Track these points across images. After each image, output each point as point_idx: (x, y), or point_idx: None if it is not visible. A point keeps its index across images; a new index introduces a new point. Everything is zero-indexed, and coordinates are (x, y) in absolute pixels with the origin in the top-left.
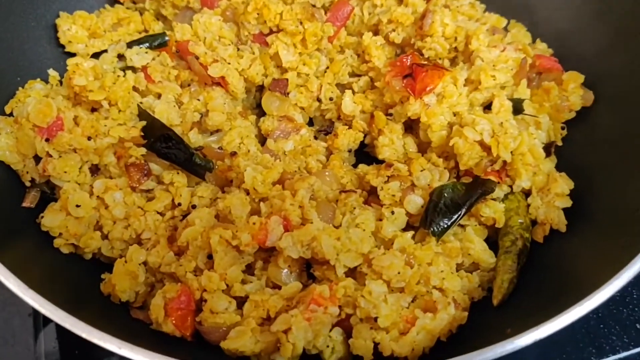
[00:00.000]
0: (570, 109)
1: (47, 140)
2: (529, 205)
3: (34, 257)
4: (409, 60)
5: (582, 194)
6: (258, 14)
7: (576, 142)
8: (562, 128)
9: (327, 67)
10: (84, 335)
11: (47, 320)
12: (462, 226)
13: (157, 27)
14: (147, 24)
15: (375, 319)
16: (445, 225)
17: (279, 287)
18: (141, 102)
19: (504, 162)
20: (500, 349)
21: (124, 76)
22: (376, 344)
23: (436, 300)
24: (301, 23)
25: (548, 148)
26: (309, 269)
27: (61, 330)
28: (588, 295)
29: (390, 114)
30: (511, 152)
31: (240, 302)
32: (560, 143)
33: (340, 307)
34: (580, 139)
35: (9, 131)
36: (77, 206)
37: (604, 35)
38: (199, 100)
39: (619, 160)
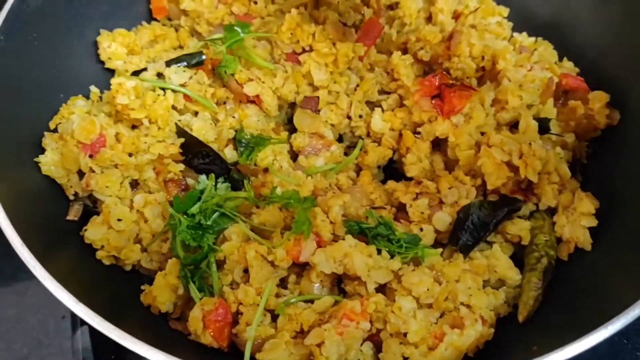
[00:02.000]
0: (596, 128)
1: (90, 156)
2: (554, 223)
3: (78, 268)
4: (437, 81)
5: (608, 212)
6: (292, 33)
7: (602, 160)
8: (588, 147)
9: (357, 85)
10: (129, 346)
11: (82, 322)
12: (489, 243)
13: (191, 43)
14: (182, 40)
15: (405, 334)
16: (472, 243)
17: (312, 301)
18: (179, 120)
19: (531, 181)
20: None
21: (163, 95)
22: (405, 359)
23: (464, 316)
24: (334, 44)
25: (574, 167)
26: (340, 284)
27: (95, 333)
28: (615, 317)
29: (418, 132)
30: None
31: (275, 315)
32: (585, 161)
33: (371, 322)
34: (606, 157)
35: (54, 147)
36: (119, 220)
37: (631, 54)
38: (234, 117)
39: None
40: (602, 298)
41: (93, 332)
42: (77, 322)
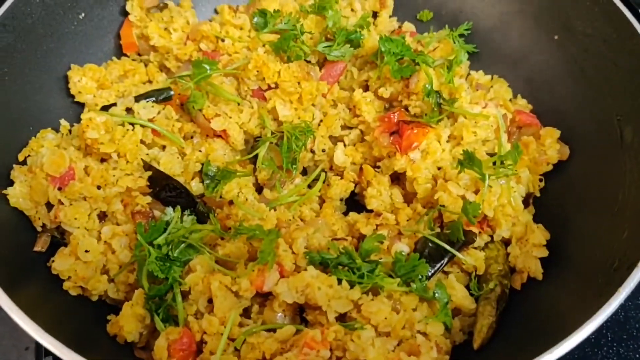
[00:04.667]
0: (548, 162)
1: (59, 189)
2: (508, 254)
3: (44, 298)
4: (395, 118)
5: (558, 243)
6: (258, 71)
7: (553, 193)
8: (540, 180)
9: (321, 121)
10: None
11: (46, 353)
12: (445, 273)
13: (160, 78)
14: (151, 75)
15: None
16: (429, 273)
17: (274, 331)
18: (147, 154)
19: (486, 214)
20: None
21: (132, 130)
22: None
23: (420, 344)
24: (298, 83)
25: (527, 199)
26: (302, 313)
27: None
28: (557, 344)
29: (379, 166)
30: None
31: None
32: (538, 194)
33: (331, 350)
34: (557, 190)
35: (23, 179)
36: (86, 251)
37: (580, 94)
38: (200, 151)
39: (593, 211)
40: (550, 326)
41: None
42: (41, 353)
